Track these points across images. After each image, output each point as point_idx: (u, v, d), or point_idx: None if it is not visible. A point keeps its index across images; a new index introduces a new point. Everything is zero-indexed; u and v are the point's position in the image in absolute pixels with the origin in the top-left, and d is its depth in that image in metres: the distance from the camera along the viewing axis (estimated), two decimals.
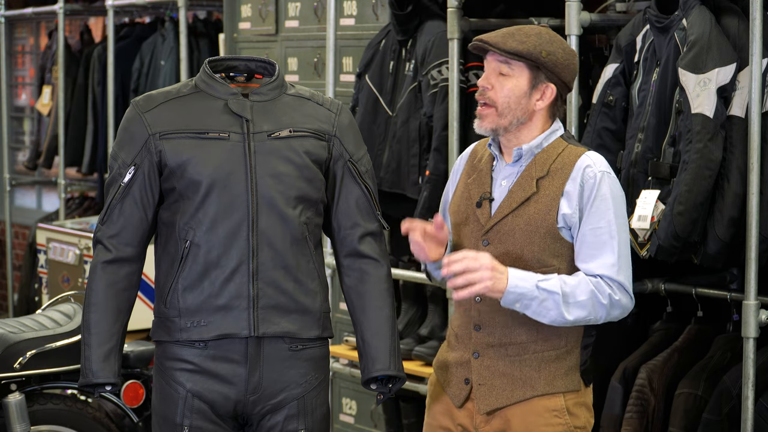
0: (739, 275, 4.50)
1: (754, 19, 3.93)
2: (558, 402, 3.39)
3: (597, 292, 3.29)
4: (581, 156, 3.37)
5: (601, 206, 3.32)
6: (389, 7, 5.31)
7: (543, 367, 3.38)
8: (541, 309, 3.27)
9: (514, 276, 3.26)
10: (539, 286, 3.26)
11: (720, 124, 4.01)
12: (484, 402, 3.39)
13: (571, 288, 3.28)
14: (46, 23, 9.65)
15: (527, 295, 3.26)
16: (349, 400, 5.99)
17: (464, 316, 3.44)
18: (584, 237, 3.33)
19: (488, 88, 3.36)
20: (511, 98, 3.35)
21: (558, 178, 3.35)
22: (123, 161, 3.42)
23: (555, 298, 3.26)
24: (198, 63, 7.04)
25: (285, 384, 3.44)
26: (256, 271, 3.38)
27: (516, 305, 3.28)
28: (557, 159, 3.37)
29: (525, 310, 3.29)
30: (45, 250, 7.16)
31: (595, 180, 3.33)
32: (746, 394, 4.01)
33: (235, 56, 3.58)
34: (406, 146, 5.18)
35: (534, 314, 3.29)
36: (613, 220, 3.32)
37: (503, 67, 3.36)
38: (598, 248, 3.31)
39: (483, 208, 3.40)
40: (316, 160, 3.45)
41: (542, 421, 3.38)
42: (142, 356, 4.79)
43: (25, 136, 10.16)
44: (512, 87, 3.35)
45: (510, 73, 3.36)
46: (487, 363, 3.40)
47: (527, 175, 3.38)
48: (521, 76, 3.36)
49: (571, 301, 3.27)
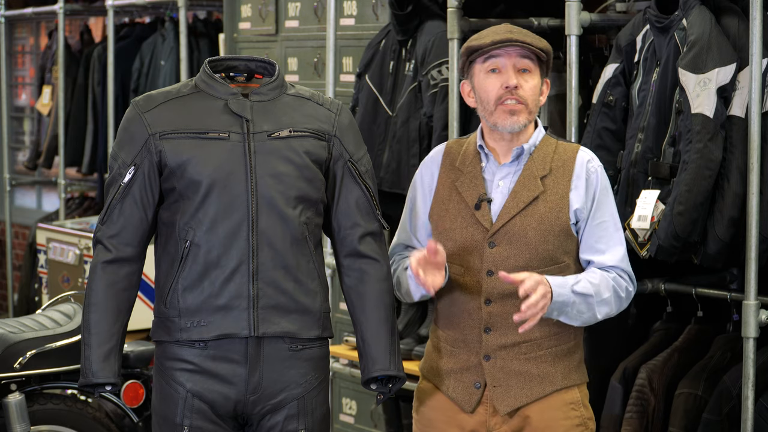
0: (739, 275, 4.50)
1: (754, 19, 3.93)
2: (574, 395, 3.44)
3: (617, 287, 3.38)
4: (578, 152, 3.43)
5: (604, 199, 3.41)
6: (389, 7, 5.31)
7: (558, 362, 3.42)
8: (577, 313, 3.33)
9: (554, 285, 3.29)
10: (575, 291, 3.32)
11: (720, 124, 4.01)
12: (504, 403, 3.39)
13: (596, 288, 3.34)
14: (46, 23, 9.65)
15: (567, 302, 3.31)
16: (349, 400, 5.99)
17: (468, 320, 3.43)
18: (593, 231, 3.40)
19: (518, 87, 3.35)
20: (535, 95, 3.39)
21: (562, 175, 3.38)
22: (123, 161, 3.42)
23: (589, 300, 3.33)
24: (198, 63, 7.04)
25: (285, 384, 3.44)
26: (256, 271, 3.38)
27: (554, 314, 3.32)
28: (555, 156, 3.40)
29: (560, 316, 3.34)
30: (45, 250, 7.16)
31: (597, 174, 3.42)
32: (746, 394, 4.01)
33: (235, 56, 3.58)
34: (406, 146, 5.18)
35: (568, 318, 3.35)
36: (615, 212, 3.43)
37: (527, 62, 3.36)
38: (606, 241, 3.39)
39: (482, 211, 3.40)
40: (316, 160, 3.45)
41: (561, 415, 3.41)
42: (142, 356, 4.79)
43: (25, 136, 10.16)
44: (535, 84, 3.38)
45: (532, 68, 3.37)
46: (501, 364, 3.40)
47: (529, 174, 3.38)
48: (537, 73, 3.39)
49: (599, 299, 3.34)
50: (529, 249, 3.35)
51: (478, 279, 3.39)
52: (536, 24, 4.85)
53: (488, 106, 3.37)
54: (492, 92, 3.36)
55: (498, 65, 3.36)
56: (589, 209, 3.39)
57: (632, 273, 3.45)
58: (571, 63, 4.43)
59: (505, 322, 3.38)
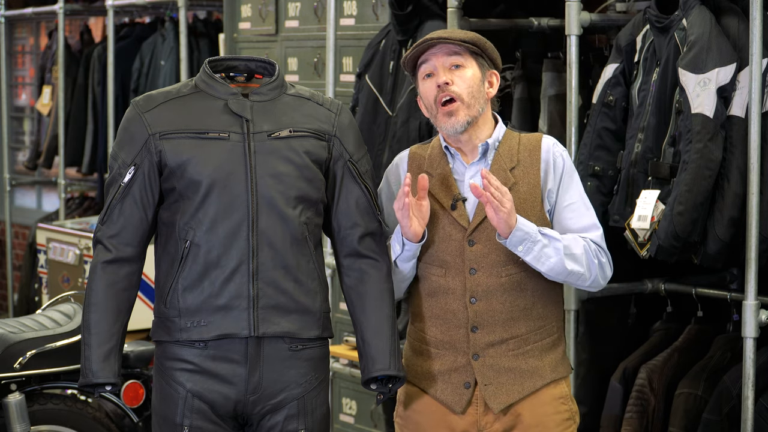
0: (739, 275, 4.51)
1: (754, 19, 3.93)
2: (562, 389, 3.46)
3: (589, 250, 3.38)
4: (542, 138, 3.46)
5: (570, 181, 3.44)
6: (389, 7, 5.31)
7: (545, 356, 3.43)
8: (542, 254, 3.32)
9: (520, 218, 3.30)
10: (541, 231, 3.33)
11: (720, 124, 4.01)
12: (496, 401, 3.40)
13: (566, 240, 3.35)
14: (46, 23, 9.65)
15: (532, 235, 3.30)
16: (349, 400, 5.99)
17: (454, 320, 3.43)
18: (563, 213, 3.43)
19: (449, 83, 3.37)
20: (473, 87, 3.39)
21: (530, 164, 3.42)
22: (123, 161, 3.42)
23: (556, 244, 3.32)
24: (198, 63, 7.04)
25: (285, 384, 3.44)
26: (256, 271, 3.38)
27: (519, 248, 3.30)
28: (520, 148, 3.44)
29: (527, 254, 3.32)
30: (45, 250, 7.17)
31: (562, 157, 3.45)
32: (746, 394, 4.01)
33: (235, 56, 3.58)
34: (406, 146, 5.13)
35: (534, 259, 3.33)
36: (583, 193, 3.46)
37: (455, 59, 3.38)
38: (577, 220, 3.42)
39: (459, 210, 3.41)
40: (316, 160, 3.45)
41: (551, 409, 3.43)
42: (142, 356, 4.80)
43: (25, 136, 10.16)
44: (472, 76, 3.39)
45: (464, 63, 3.40)
46: (490, 362, 3.41)
47: (498, 168, 3.41)
48: (473, 66, 3.41)
49: (569, 252, 3.34)
50: None
51: (462, 278, 3.40)
52: (536, 24, 4.85)
53: (431, 110, 3.43)
54: (430, 95, 3.41)
55: (429, 69, 3.41)
56: (556, 192, 3.42)
57: (607, 251, 3.43)
58: (571, 63, 4.43)
59: (492, 320, 3.39)
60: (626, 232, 4.17)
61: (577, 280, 3.38)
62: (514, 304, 3.39)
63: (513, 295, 3.38)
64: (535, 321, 3.42)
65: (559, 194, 3.42)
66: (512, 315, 3.39)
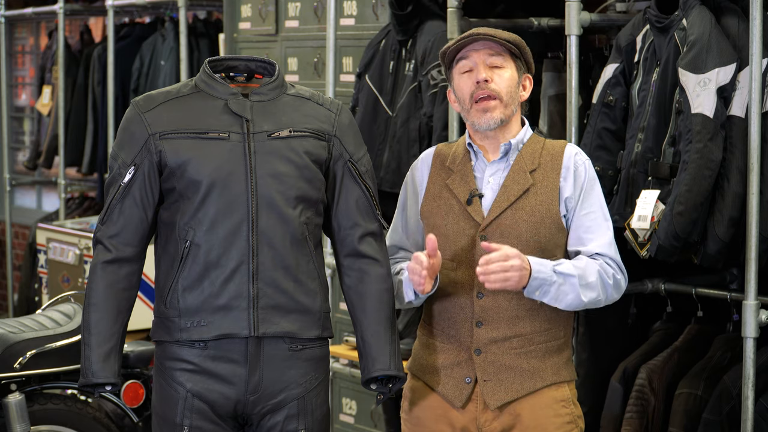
0: (739, 275, 4.50)
1: (754, 19, 3.93)
2: (564, 392, 3.45)
3: (603, 273, 3.39)
4: (566, 146, 3.48)
5: (592, 191, 3.45)
6: (389, 7, 5.31)
7: (548, 358, 3.43)
8: (560, 293, 3.33)
9: (534, 263, 3.31)
10: (556, 270, 3.33)
11: (720, 124, 4.01)
12: (494, 397, 3.41)
13: (581, 270, 3.36)
14: (46, 23, 9.65)
15: (548, 281, 3.31)
16: (349, 400, 5.99)
17: (460, 314, 3.45)
18: (581, 221, 3.43)
19: (489, 80, 3.39)
20: (511, 87, 3.44)
21: (551, 168, 3.43)
22: (123, 161, 3.42)
23: (572, 281, 3.33)
24: (198, 63, 7.04)
25: (285, 384, 3.44)
26: (256, 271, 3.38)
27: (536, 293, 3.32)
28: (543, 152, 3.46)
29: (544, 296, 3.34)
30: (45, 250, 7.16)
31: (584, 166, 3.46)
32: (746, 394, 4.01)
33: (235, 56, 3.58)
34: (406, 146, 5.18)
35: (552, 300, 3.34)
36: (603, 203, 3.46)
37: (496, 59, 3.42)
38: (594, 231, 3.42)
39: (474, 205, 3.43)
40: (316, 160, 3.45)
41: (551, 412, 3.42)
42: (142, 356, 4.79)
43: (25, 136, 10.16)
44: (510, 77, 3.43)
45: (504, 64, 3.43)
46: (492, 358, 3.42)
47: (518, 168, 3.43)
48: (511, 67, 3.44)
49: (584, 282, 3.35)
50: (520, 242, 3.37)
51: (471, 272, 3.41)
52: (536, 24, 4.85)
53: (465, 105, 3.45)
54: (466, 90, 3.43)
55: (469, 65, 3.43)
56: (576, 200, 3.42)
57: (621, 263, 3.46)
58: (571, 63, 4.43)
59: (497, 316, 3.40)
60: (626, 232, 4.17)
61: (593, 305, 3.41)
62: (520, 303, 3.40)
63: (520, 293, 3.38)
64: (541, 323, 3.42)
65: (579, 202, 3.43)
66: (518, 313, 3.40)
